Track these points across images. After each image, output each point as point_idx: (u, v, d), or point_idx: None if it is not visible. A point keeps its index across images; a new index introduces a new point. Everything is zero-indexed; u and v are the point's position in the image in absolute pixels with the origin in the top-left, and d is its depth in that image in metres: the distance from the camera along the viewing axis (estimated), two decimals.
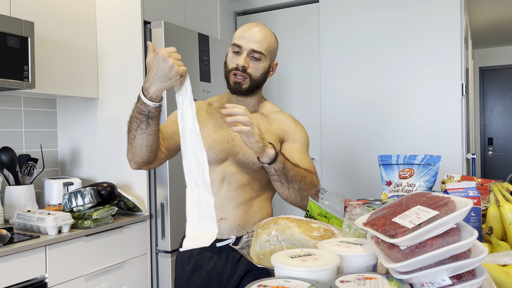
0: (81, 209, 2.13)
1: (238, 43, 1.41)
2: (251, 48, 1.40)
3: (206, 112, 1.52)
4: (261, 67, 1.44)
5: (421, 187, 1.36)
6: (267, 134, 1.45)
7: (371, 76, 3.26)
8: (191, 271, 1.49)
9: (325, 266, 0.77)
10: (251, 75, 1.42)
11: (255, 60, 1.42)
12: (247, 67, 1.41)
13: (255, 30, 1.42)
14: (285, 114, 1.55)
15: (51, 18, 2.30)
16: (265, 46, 1.42)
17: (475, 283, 0.69)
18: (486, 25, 4.90)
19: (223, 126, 1.48)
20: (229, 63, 1.45)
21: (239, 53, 1.42)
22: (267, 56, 1.44)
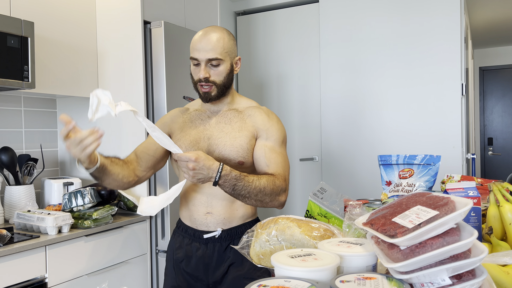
0: (81, 209, 2.13)
1: (194, 56, 1.47)
2: (206, 58, 1.45)
3: (182, 119, 1.59)
4: (222, 70, 1.48)
5: (421, 187, 1.36)
6: (242, 132, 1.50)
7: (371, 76, 3.26)
8: (180, 260, 1.57)
9: (325, 266, 0.77)
10: (215, 82, 1.48)
11: (214, 67, 1.47)
12: (209, 76, 1.47)
13: (206, 39, 1.46)
14: (259, 109, 1.57)
15: (51, 18, 2.30)
16: (219, 51, 1.46)
17: (475, 283, 0.69)
18: (486, 25, 4.90)
19: (199, 128, 1.54)
20: (193, 74, 1.51)
21: (198, 65, 1.48)
22: (225, 58, 1.48)
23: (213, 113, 1.56)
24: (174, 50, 2.47)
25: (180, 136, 1.54)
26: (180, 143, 1.51)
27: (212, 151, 1.49)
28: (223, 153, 1.47)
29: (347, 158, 3.36)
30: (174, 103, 2.46)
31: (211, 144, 1.50)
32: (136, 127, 2.46)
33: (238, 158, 1.48)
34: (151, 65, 2.45)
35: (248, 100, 1.61)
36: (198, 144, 1.50)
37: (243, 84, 3.82)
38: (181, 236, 1.58)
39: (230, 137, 1.49)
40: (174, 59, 2.47)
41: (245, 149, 1.48)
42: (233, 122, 1.52)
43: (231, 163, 1.47)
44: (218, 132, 1.51)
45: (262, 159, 1.48)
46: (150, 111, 2.46)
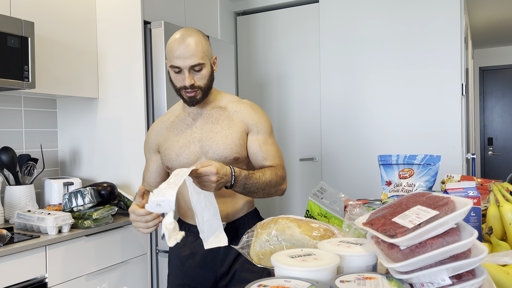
0: (81, 209, 2.13)
1: (175, 64, 1.45)
2: (189, 66, 1.44)
3: (166, 128, 1.60)
4: (205, 74, 1.49)
5: (421, 187, 1.36)
6: (232, 129, 1.51)
7: (371, 76, 3.26)
8: (186, 257, 1.57)
9: (325, 266, 0.77)
10: (200, 86, 1.48)
11: (197, 72, 1.47)
12: (194, 82, 1.46)
13: (185, 44, 1.43)
14: (243, 103, 1.59)
15: (51, 18, 2.30)
16: (200, 55, 1.45)
17: (475, 283, 0.69)
18: (486, 25, 4.90)
19: (186, 131, 1.55)
20: (175, 82, 1.50)
21: (180, 72, 1.46)
22: (205, 61, 1.48)
23: (197, 115, 1.56)
24: None
25: (168, 145, 1.55)
26: (169, 151, 1.53)
27: (205, 152, 1.50)
28: (218, 153, 1.49)
29: (347, 158, 3.36)
30: (174, 103, 2.46)
31: (203, 146, 1.51)
32: (136, 126, 2.46)
33: (233, 154, 1.49)
34: (151, 65, 2.46)
35: (227, 95, 1.62)
36: (189, 149, 1.51)
37: (243, 84, 3.82)
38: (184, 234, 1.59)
39: (221, 135, 1.50)
40: None
41: (238, 145, 1.50)
42: (220, 121, 1.53)
43: (226, 160, 1.49)
44: (208, 132, 1.52)
45: (259, 153, 1.52)
46: (150, 111, 2.46)
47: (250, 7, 3.78)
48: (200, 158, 1.51)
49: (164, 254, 2.44)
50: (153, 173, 1.64)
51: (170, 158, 1.53)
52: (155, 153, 1.63)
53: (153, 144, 1.62)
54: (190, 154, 1.51)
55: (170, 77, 1.51)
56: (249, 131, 1.54)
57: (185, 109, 1.59)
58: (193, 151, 1.51)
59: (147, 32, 2.45)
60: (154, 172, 1.63)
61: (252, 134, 1.54)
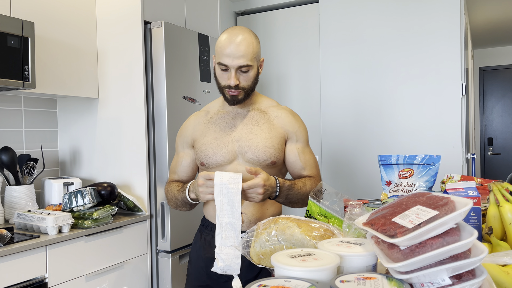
0: (81, 209, 2.13)
1: (224, 62, 1.43)
2: (238, 65, 1.42)
3: (203, 123, 1.58)
4: (251, 76, 1.47)
5: (421, 187, 1.36)
6: (272, 133, 1.51)
7: (371, 76, 3.26)
8: (211, 259, 1.53)
9: (325, 266, 0.77)
10: (244, 87, 1.47)
11: (243, 73, 1.45)
12: (239, 83, 1.45)
13: (237, 43, 1.41)
14: (283, 109, 1.59)
15: (51, 18, 2.30)
16: (250, 57, 1.43)
17: (475, 283, 0.69)
18: (486, 25, 4.90)
19: (224, 130, 1.53)
20: (220, 79, 1.48)
21: (227, 70, 1.45)
22: (254, 63, 1.46)
23: (237, 115, 1.55)
24: (174, 50, 2.47)
25: (204, 140, 1.53)
26: (205, 147, 1.52)
27: (243, 153, 1.49)
28: (257, 154, 1.48)
29: (347, 158, 3.36)
30: (174, 103, 2.47)
31: (242, 146, 1.50)
32: (136, 126, 2.46)
33: (271, 158, 1.49)
34: (151, 65, 2.46)
35: (267, 98, 1.62)
36: (227, 147, 1.50)
37: None
38: (210, 235, 1.57)
39: (261, 138, 1.49)
40: (174, 59, 2.47)
41: (277, 149, 1.50)
42: (260, 123, 1.52)
43: (264, 163, 1.49)
44: (248, 133, 1.51)
45: (298, 162, 1.54)
46: (150, 111, 2.46)
47: (250, 7, 3.78)
48: (237, 158, 1.51)
49: (164, 254, 2.44)
50: (186, 167, 1.62)
51: (206, 155, 1.51)
52: (189, 148, 1.61)
53: (189, 139, 1.60)
54: (227, 153, 1.50)
55: (215, 73, 1.49)
56: (288, 138, 1.55)
57: (225, 107, 1.57)
58: (231, 150, 1.50)
59: (147, 32, 2.45)
60: (187, 166, 1.62)
61: (291, 142, 1.55)
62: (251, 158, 1.48)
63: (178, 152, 1.65)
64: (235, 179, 1.31)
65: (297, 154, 1.54)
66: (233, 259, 1.31)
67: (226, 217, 1.33)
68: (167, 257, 2.43)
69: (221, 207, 1.32)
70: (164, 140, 2.43)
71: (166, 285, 2.43)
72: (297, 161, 1.54)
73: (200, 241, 1.61)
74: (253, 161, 1.49)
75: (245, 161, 1.50)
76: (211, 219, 1.59)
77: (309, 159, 1.57)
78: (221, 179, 1.31)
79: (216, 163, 1.50)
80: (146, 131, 2.44)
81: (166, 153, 2.42)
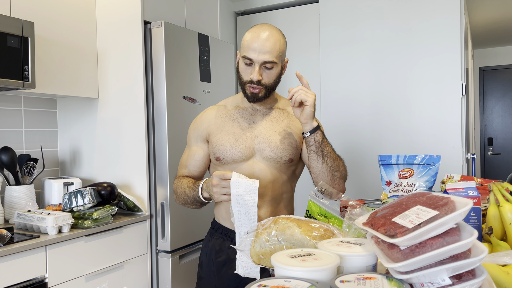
0: (81, 209, 2.13)
1: (249, 56, 1.41)
2: (263, 61, 1.41)
3: (220, 117, 1.55)
4: (274, 73, 1.46)
5: (421, 187, 1.36)
6: (291, 129, 1.51)
7: (371, 76, 3.26)
8: (223, 263, 1.52)
9: (325, 266, 0.77)
10: (266, 85, 1.45)
11: (267, 69, 1.44)
12: (262, 79, 1.43)
13: (264, 39, 1.40)
14: None
15: (51, 18, 2.30)
16: (275, 54, 1.42)
17: (475, 283, 0.69)
18: (486, 25, 4.90)
19: (243, 126, 1.51)
20: (242, 74, 1.46)
21: (251, 65, 1.43)
22: (278, 61, 1.45)
23: (256, 111, 1.54)
24: (174, 50, 2.47)
25: (222, 135, 1.50)
26: (223, 142, 1.49)
27: (261, 149, 1.48)
28: (275, 151, 1.47)
29: (347, 158, 3.34)
30: (174, 103, 2.47)
31: (260, 143, 1.48)
32: (136, 126, 2.46)
33: (289, 156, 1.48)
34: (151, 65, 2.46)
35: (285, 98, 1.61)
36: (245, 143, 1.48)
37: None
38: (221, 239, 1.54)
39: (280, 135, 1.48)
40: (174, 59, 2.47)
41: (295, 146, 1.49)
42: (280, 120, 1.51)
43: (281, 160, 1.48)
44: (267, 130, 1.49)
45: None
46: (150, 111, 2.46)
47: (250, 7, 3.78)
48: (254, 155, 1.49)
49: (164, 254, 2.44)
50: (198, 162, 1.58)
51: (223, 149, 1.48)
52: (203, 142, 1.57)
53: (204, 132, 1.56)
54: (245, 149, 1.48)
55: (238, 68, 1.48)
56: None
57: (244, 103, 1.55)
58: (249, 147, 1.48)
59: (147, 32, 2.45)
60: (199, 161, 1.58)
61: None
62: (269, 155, 1.47)
63: (190, 145, 1.60)
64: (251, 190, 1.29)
65: None
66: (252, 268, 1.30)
67: (244, 227, 1.32)
68: (167, 257, 2.43)
69: (239, 217, 1.32)
70: (164, 140, 2.43)
71: (166, 285, 2.43)
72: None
73: (211, 244, 1.58)
74: (271, 158, 1.47)
75: (262, 159, 1.48)
76: (223, 222, 1.56)
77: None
78: (237, 189, 1.29)
79: (233, 159, 1.48)
80: (146, 131, 2.44)
81: (166, 153, 2.42)
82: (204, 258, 1.59)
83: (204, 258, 1.60)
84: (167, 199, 2.41)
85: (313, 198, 1.33)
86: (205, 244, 1.62)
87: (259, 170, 1.48)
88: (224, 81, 2.89)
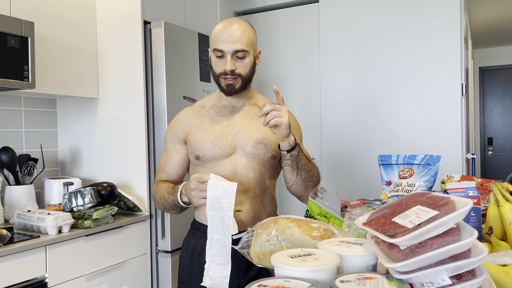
0: (81, 209, 2.13)
1: (219, 47, 1.41)
2: (233, 50, 1.40)
3: (198, 117, 1.53)
4: (247, 63, 1.44)
5: (421, 187, 1.36)
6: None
7: (371, 76, 3.26)
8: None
9: (325, 266, 0.77)
10: (241, 74, 1.44)
11: (240, 59, 1.42)
12: (235, 68, 1.42)
13: (232, 29, 1.41)
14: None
15: (51, 18, 2.30)
16: (246, 42, 1.41)
17: (475, 283, 0.69)
18: (486, 25, 4.90)
19: (222, 123, 1.50)
20: (215, 68, 1.45)
21: (222, 57, 1.42)
22: (250, 50, 1.44)
23: (234, 108, 1.52)
24: (174, 50, 2.47)
25: (200, 133, 1.48)
26: (202, 139, 1.46)
27: (243, 146, 1.46)
28: (257, 148, 1.45)
29: (347, 158, 3.36)
30: (174, 103, 2.46)
31: (242, 139, 1.46)
32: (136, 126, 2.46)
33: (271, 152, 1.47)
34: (151, 65, 2.46)
35: (262, 96, 1.60)
36: (226, 139, 1.46)
37: None
38: (203, 238, 1.49)
39: (261, 132, 1.47)
40: (174, 59, 2.47)
41: (276, 143, 1.47)
42: (260, 118, 1.49)
43: (264, 157, 1.46)
44: (247, 126, 1.48)
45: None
46: (150, 111, 2.46)
47: (250, 7, 3.78)
48: (236, 152, 1.47)
49: (164, 254, 2.44)
50: (176, 165, 1.54)
51: (203, 147, 1.46)
52: (180, 143, 1.54)
53: (181, 133, 1.53)
54: (226, 145, 1.46)
55: (211, 63, 1.47)
56: None
57: (221, 100, 1.53)
58: (230, 143, 1.46)
59: (147, 32, 2.45)
60: (177, 163, 1.54)
61: None
62: (251, 151, 1.45)
63: (167, 149, 1.57)
64: (228, 193, 1.26)
65: None
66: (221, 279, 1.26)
67: (217, 233, 1.28)
68: (167, 257, 2.43)
69: (213, 222, 1.28)
70: None
71: (166, 285, 2.43)
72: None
73: (192, 245, 1.54)
74: (253, 154, 1.46)
75: (244, 155, 1.46)
76: (204, 220, 1.52)
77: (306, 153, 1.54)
78: (214, 192, 1.26)
79: (214, 156, 1.45)
80: (146, 131, 2.44)
81: None
82: (186, 260, 1.55)
83: (185, 260, 1.55)
84: None
85: (313, 198, 1.33)
86: (185, 246, 1.57)
87: (241, 167, 1.46)
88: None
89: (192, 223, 1.60)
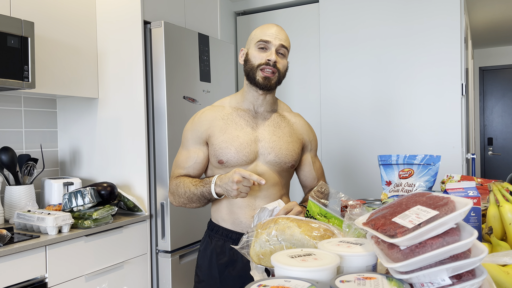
0: (81, 209, 2.13)
1: (266, 39, 1.45)
2: (280, 43, 1.45)
3: (221, 119, 1.52)
4: (285, 63, 1.50)
5: (421, 187, 1.36)
6: (293, 137, 1.53)
7: (371, 76, 3.26)
8: (225, 265, 1.51)
9: (325, 266, 0.77)
10: (279, 70, 1.47)
11: (281, 56, 1.48)
12: (278, 61, 1.45)
13: (279, 28, 1.48)
14: (298, 115, 1.63)
15: (51, 18, 2.30)
16: (288, 44, 1.49)
17: (475, 283, 0.69)
18: (486, 25, 4.90)
19: (245, 128, 1.50)
20: (254, 60, 1.46)
21: (265, 49, 1.45)
22: (287, 54, 1.51)
23: (257, 114, 1.53)
24: (174, 50, 2.47)
25: (225, 137, 1.47)
26: (227, 145, 1.47)
27: (265, 154, 1.48)
28: (280, 157, 1.48)
29: (347, 158, 3.36)
30: (174, 103, 2.47)
31: (265, 147, 1.48)
32: (136, 126, 2.46)
33: (291, 162, 1.51)
34: (151, 65, 2.46)
35: (282, 102, 1.62)
36: (250, 147, 1.47)
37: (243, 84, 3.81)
38: (222, 240, 1.52)
39: (284, 141, 1.50)
40: (174, 59, 2.47)
41: (297, 154, 1.54)
42: (282, 127, 1.53)
43: (284, 166, 1.51)
44: (270, 135, 1.50)
45: (312, 172, 1.61)
46: (150, 111, 2.46)
47: (250, 7, 3.78)
48: (257, 159, 1.49)
49: (164, 254, 2.44)
50: (198, 165, 1.54)
51: (228, 152, 1.46)
52: (203, 144, 1.53)
53: (204, 134, 1.52)
54: (250, 153, 1.47)
55: (247, 57, 1.48)
56: (305, 146, 1.59)
57: (245, 103, 1.54)
58: (253, 151, 1.48)
59: (147, 32, 2.45)
60: (200, 163, 1.54)
61: (307, 150, 1.60)
62: (273, 160, 1.48)
63: (188, 147, 1.56)
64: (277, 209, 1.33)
65: (311, 163, 1.60)
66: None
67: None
68: (167, 257, 2.43)
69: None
70: (164, 140, 2.43)
71: (166, 285, 2.43)
72: (311, 171, 1.61)
73: (211, 247, 1.55)
74: (275, 163, 1.48)
75: (266, 163, 1.49)
76: (224, 223, 1.53)
77: (320, 167, 1.64)
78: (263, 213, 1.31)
79: (238, 163, 1.46)
80: (146, 131, 2.44)
81: (166, 153, 2.42)
82: (204, 261, 1.56)
83: (203, 261, 1.56)
84: (167, 199, 2.41)
85: (313, 198, 1.33)
86: (204, 247, 1.58)
87: (261, 174, 1.49)
88: (224, 81, 2.89)
89: (209, 225, 1.61)
